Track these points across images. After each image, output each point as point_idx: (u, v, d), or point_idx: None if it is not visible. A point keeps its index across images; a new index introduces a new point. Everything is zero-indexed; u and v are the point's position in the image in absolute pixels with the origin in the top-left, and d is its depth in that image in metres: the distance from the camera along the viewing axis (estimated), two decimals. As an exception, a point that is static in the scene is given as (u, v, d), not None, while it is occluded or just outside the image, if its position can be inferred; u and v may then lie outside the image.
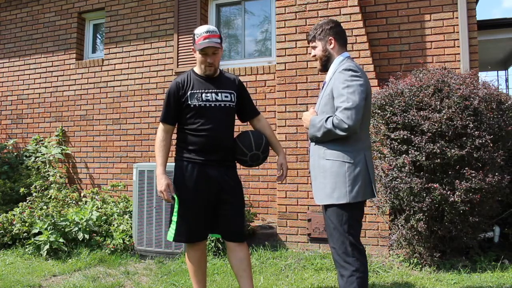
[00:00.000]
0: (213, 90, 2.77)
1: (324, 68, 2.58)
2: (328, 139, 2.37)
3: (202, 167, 2.72)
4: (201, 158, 2.73)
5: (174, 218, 2.76)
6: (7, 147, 6.36)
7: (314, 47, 2.59)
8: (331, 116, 2.33)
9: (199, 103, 2.72)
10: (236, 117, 2.94)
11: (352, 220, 2.36)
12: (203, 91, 2.75)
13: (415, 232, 3.66)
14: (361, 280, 2.30)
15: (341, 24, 2.65)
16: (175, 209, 2.76)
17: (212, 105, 2.74)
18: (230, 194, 2.76)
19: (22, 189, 5.25)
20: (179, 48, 5.62)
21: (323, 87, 2.55)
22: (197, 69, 2.84)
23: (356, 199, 2.33)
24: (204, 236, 2.85)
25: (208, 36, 2.68)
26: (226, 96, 2.79)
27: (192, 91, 2.74)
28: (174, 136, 2.86)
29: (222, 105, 2.77)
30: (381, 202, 3.87)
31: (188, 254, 2.83)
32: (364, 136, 2.45)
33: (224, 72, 2.93)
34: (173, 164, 2.84)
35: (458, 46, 4.45)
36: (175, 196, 2.75)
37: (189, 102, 2.72)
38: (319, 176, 2.43)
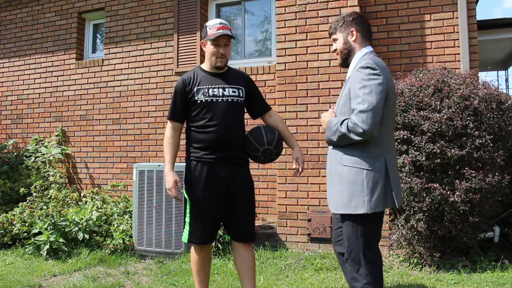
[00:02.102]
0: (220, 86, 2.73)
1: (345, 63, 2.40)
2: (344, 143, 2.21)
3: (211, 166, 2.68)
4: (210, 157, 2.68)
5: (187, 220, 2.73)
6: (7, 147, 6.35)
7: (335, 40, 2.41)
8: (347, 119, 2.16)
9: (206, 98, 2.69)
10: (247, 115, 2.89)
11: (369, 232, 2.22)
12: (210, 86, 2.72)
13: (415, 232, 3.66)
14: None
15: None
16: (188, 211, 2.73)
17: (219, 100, 2.70)
18: (239, 194, 2.72)
19: (22, 189, 5.25)
20: (179, 48, 5.62)
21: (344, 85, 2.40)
22: (204, 65, 2.82)
23: (375, 209, 2.15)
24: (215, 236, 2.84)
25: (221, 27, 2.69)
26: (233, 91, 2.75)
27: (199, 87, 2.71)
28: (183, 135, 2.84)
29: (230, 100, 2.72)
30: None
31: (194, 254, 2.80)
32: (386, 139, 2.26)
33: (232, 68, 2.91)
34: (182, 164, 2.82)
35: (458, 46, 4.45)
36: (186, 196, 2.73)
37: (196, 98, 2.69)
38: (335, 183, 2.27)
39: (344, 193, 2.22)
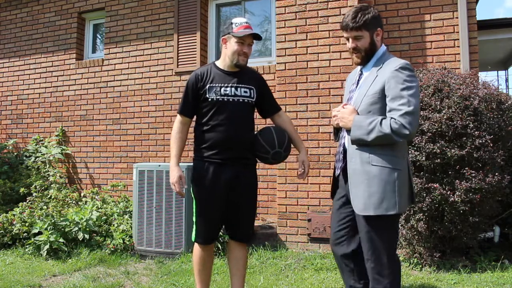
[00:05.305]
0: (232, 85, 2.71)
1: (365, 62, 2.30)
2: (379, 143, 2.12)
3: (219, 166, 2.67)
4: (218, 157, 2.67)
5: (194, 219, 2.75)
6: (7, 147, 6.35)
7: (357, 37, 2.25)
8: (386, 118, 2.09)
9: (217, 97, 2.67)
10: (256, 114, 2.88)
11: (394, 232, 2.23)
12: (222, 85, 2.69)
13: (415, 232, 3.66)
14: None
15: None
16: (194, 210, 2.74)
17: (230, 99, 2.68)
18: (243, 195, 2.72)
19: (22, 189, 5.25)
20: (179, 48, 5.61)
21: (357, 82, 2.34)
22: (220, 63, 2.79)
23: (404, 209, 2.18)
24: (217, 236, 2.85)
25: (248, 26, 2.68)
26: (245, 92, 2.73)
27: (211, 85, 2.69)
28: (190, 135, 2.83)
29: (241, 100, 2.71)
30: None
31: (196, 253, 2.80)
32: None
33: (247, 67, 2.86)
34: (185, 163, 2.82)
35: (458, 46, 4.45)
36: (193, 196, 2.73)
37: (207, 96, 2.68)
38: (362, 183, 2.17)
39: (373, 194, 2.14)
